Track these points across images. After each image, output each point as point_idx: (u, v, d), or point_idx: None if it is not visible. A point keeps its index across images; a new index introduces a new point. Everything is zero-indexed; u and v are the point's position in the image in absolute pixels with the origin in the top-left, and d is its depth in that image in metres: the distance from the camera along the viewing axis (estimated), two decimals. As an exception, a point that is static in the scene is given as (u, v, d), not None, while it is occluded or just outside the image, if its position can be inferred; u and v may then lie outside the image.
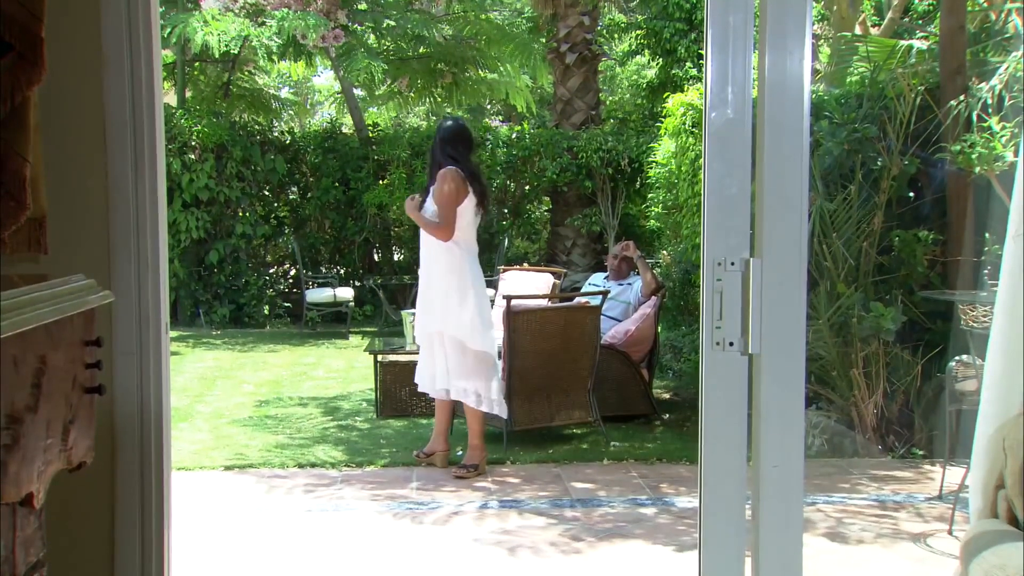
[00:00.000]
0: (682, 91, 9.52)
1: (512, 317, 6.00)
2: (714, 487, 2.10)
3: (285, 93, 19.97)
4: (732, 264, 2.06)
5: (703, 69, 2.08)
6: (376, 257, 12.86)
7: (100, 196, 2.12)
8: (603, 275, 7.69)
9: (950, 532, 4.51)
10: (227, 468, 5.71)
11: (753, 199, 2.08)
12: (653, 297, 7.07)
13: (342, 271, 12.61)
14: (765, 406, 2.08)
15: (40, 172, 2.11)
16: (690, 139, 7.99)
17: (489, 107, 20.50)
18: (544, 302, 6.64)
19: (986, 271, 5.52)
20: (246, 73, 14.65)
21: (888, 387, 5.93)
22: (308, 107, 21.50)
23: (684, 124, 8.10)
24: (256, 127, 12.51)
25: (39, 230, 2.12)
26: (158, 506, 2.14)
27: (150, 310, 2.16)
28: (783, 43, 2.04)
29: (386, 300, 11.39)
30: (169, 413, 2.28)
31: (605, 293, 6.67)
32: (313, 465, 5.78)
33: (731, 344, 2.08)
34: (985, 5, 7.73)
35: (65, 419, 1.45)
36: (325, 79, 21.21)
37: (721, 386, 2.09)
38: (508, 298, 6.09)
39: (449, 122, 5.71)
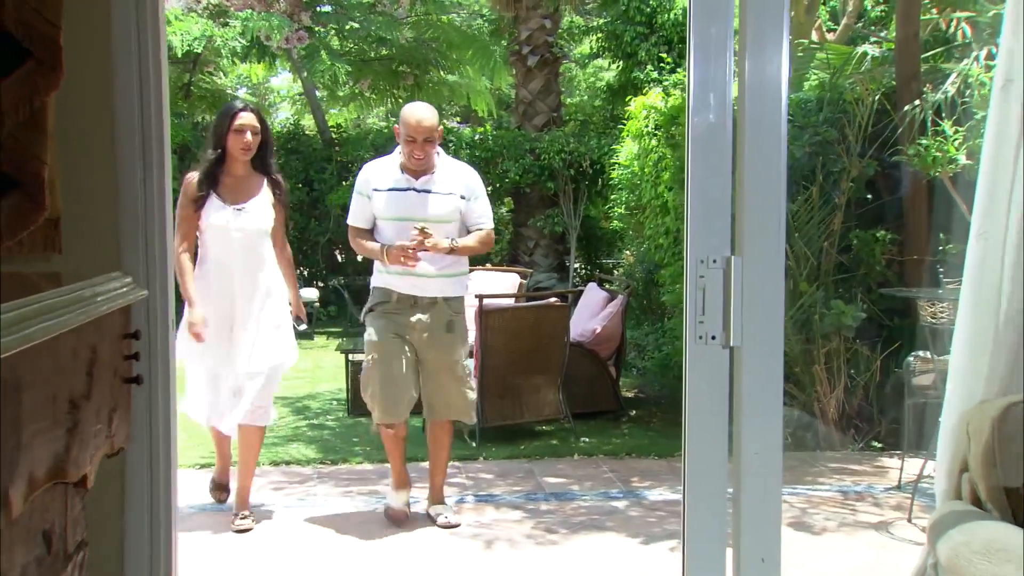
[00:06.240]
0: (643, 94, 9.64)
1: (485, 316, 6.10)
2: (698, 476, 2.20)
3: (243, 93, 19.89)
4: (715, 262, 2.17)
5: (686, 76, 2.19)
6: (340, 258, 12.88)
7: (110, 196, 2.20)
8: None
9: (909, 520, 4.69)
10: (202, 466, 5.74)
11: (733, 200, 2.20)
12: (620, 296, 7.21)
13: (306, 272, 12.62)
14: (747, 396, 2.19)
15: (56, 174, 2.18)
16: (652, 141, 8.10)
17: (447, 108, 20.54)
18: (513, 301, 6.74)
19: (941, 269, 5.72)
20: (206, 74, 14.60)
21: (849, 382, 6.11)
22: (267, 107, 21.42)
23: (647, 127, 8.21)
24: (218, 128, 12.45)
25: (54, 230, 2.18)
26: (166, 493, 2.22)
27: (158, 306, 2.23)
28: (762, 51, 2.16)
29: (351, 300, 11.43)
30: (176, 402, 2.36)
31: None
32: (287, 463, 5.83)
33: (713, 338, 2.19)
34: (936, 14, 7.96)
35: (110, 407, 1.54)
36: (282, 79, 21.15)
37: (705, 378, 2.19)
38: (480, 297, 6.19)
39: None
